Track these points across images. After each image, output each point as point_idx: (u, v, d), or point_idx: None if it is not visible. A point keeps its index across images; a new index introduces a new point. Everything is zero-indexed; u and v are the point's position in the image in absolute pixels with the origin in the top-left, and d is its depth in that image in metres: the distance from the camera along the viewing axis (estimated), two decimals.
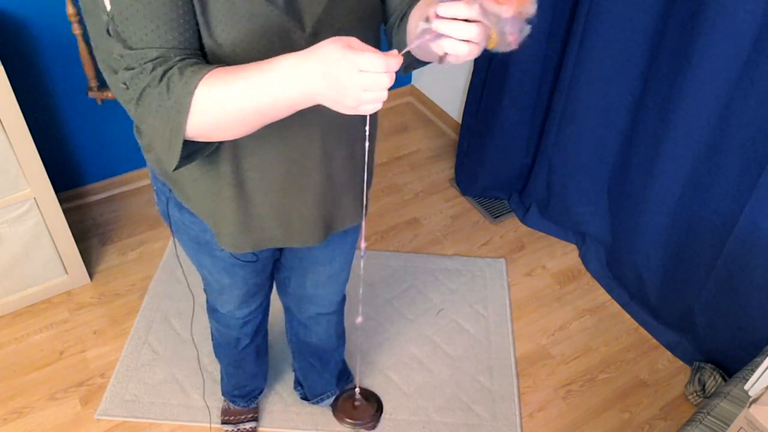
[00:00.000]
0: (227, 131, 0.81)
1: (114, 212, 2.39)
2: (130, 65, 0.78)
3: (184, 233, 1.18)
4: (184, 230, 1.16)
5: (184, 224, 1.15)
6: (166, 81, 0.77)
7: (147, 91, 0.78)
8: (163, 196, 1.14)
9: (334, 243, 1.27)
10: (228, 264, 1.22)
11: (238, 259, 1.21)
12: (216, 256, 1.19)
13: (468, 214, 2.47)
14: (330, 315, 1.51)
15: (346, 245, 1.31)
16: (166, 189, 1.12)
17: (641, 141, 1.88)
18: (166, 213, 1.16)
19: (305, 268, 1.33)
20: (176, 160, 0.81)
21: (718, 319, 1.83)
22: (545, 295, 2.17)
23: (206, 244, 1.17)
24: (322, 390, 1.73)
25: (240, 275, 1.26)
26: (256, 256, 1.23)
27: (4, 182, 1.75)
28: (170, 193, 1.11)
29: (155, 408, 1.79)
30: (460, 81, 2.66)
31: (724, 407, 1.22)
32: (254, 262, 1.24)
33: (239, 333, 1.48)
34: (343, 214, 1.15)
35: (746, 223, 1.63)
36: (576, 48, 1.88)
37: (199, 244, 1.18)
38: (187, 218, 1.13)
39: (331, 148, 1.02)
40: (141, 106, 0.80)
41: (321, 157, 1.02)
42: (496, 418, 1.81)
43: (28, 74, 2.05)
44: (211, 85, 0.76)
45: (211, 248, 1.17)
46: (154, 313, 2.03)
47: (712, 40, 1.54)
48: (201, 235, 1.15)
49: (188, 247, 1.22)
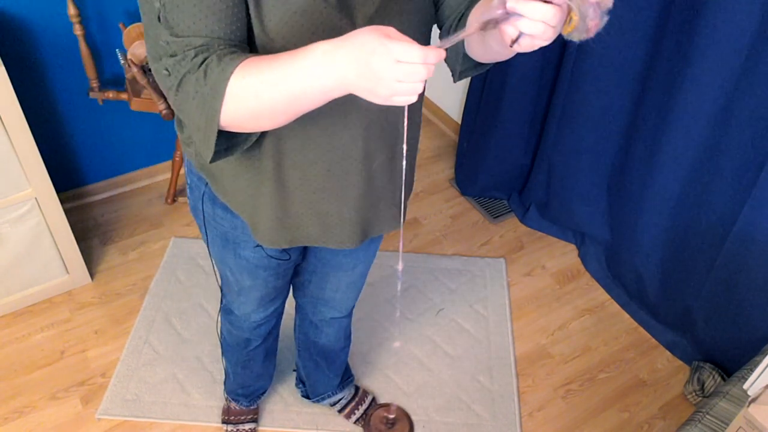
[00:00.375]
0: (262, 120, 0.79)
1: (115, 212, 2.39)
2: (174, 52, 0.78)
3: (213, 228, 1.17)
4: (214, 225, 1.16)
5: (215, 219, 1.15)
6: (204, 67, 0.77)
7: (186, 77, 0.78)
8: (197, 190, 1.14)
9: (360, 250, 1.27)
10: (252, 266, 1.21)
11: (271, 257, 1.20)
12: (240, 255, 1.19)
13: (468, 214, 2.47)
14: (342, 318, 1.51)
15: (369, 252, 1.32)
16: (202, 183, 1.12)
17: (640, 141, 1.89)
18: (199, 207, 1.16)
19: (327, 272, 1.33)
20: (211, 149, 0.81)
21: (717, 319, 1.84)
22: (545, 295, 2.18)
23: (233, 242, 1.17)
24: (324, 389, 1.73)
25: (261, 277, 1.25)
26: (288, 255, 1.23)
27: (6, 182, 1.75)
28: (206, 187, 1.11)
29: (156, 407, 1.79)
30: (459, 81, 2.66)
31: (723, 406, 1.22)
32: (286, 260, 1.24)
33: (251, 334, 1.48)
34: (381, 220, 1.15)
35: (745, 223, 1.63)
36: (575, 48, 1.89)
37: (227, 241, 1.18)
38: (219, 213, 1.13)
39: (372, 150, 1.02)
40: (180, 92, 0.80)
41: (363, 159, 1.01)
42: (495, 417, 1.82)
43: (30, 75, 2.05)
44: (246, 72, 0.75)
45: (238, 246, 1.17)
46: (155, 313, 2.04)
47: (711, 40, 1.55)
48: (230, 231, 1.15)
49: (215, 244, 1.21)
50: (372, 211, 1.11)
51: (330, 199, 1.05)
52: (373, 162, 1.03)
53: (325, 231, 1.10)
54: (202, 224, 1.19)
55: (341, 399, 1.78)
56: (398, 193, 1.13)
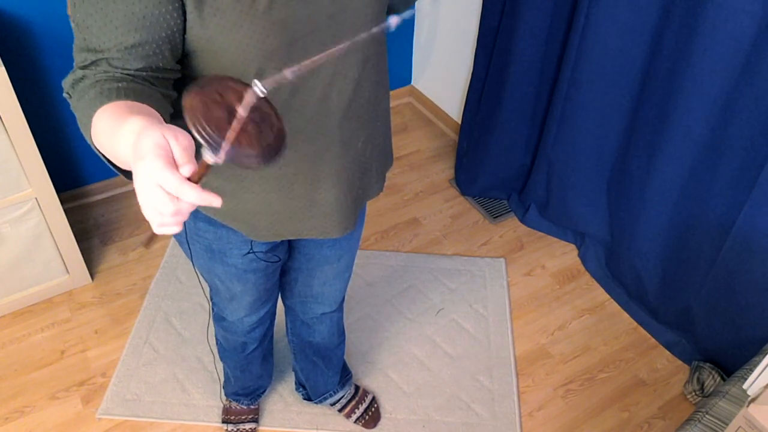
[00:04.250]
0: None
1: (115, 212, 2.40)
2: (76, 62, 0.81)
3: (196, 242, 1.17)
4: (197, 240, 1.16)
5: (198, 234, 1.14)
6: (83, 84, 0.79)
7: (76, 87, 0.79)
8: None
9: (342, 240, 1.29)
10: (241, 271, 1.22)
11: (261, 260, 1.21)
12: (228, 263, 1.19)
13: (468, 214, 2.48)
14: (333, 313, 1.52)
15: (352, 242, 1.33)
16: None
17: (640, 141, 1.89)
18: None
19: (312, 268, 1.34)
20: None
21: (716, 319, 1.84)
22: (544, 295, 2.18)
23: (220, 252, 1.17)
24: (325, 388, 1.74)
25: (251, 281, 1.26)
26: (277, 256, 1.24)
27: (6, 182, 1.76)
28: None
29: (156, 407, 1.80)
30: (460, 81, 2.67)
31: (722, 406, 1.23)
32: (275, 262, 1.25)
33: (246, 338, 1.49)
34: (369, 190, 1.19)
35: (744, 222, 1.63)
36: (575, 48, 1.89)
37: (213, 252, 1.18)
38: (201, 226, 1.13)
39: (347, 137, 1.04)
40: (72, 100, 0.80)
41: (340, 148, 1.04)
42: (495, 417, 1.82)
43: (30, 74, 2.05)
44: (99, 117, 0.73)
45: (224, 255, 1.18)
46: (155, 313, 2.04)
47: (711, 40, 1.55)
48: (215, 242, 1.15)
49: (200, 257, 1.21)
50: (362, 187, 1.15)
51: (324, 186, 1.07)
52: (352, 148, 1.07)
53: (325, 220, 1.12)
54: (184, 240, 1.19)
55: (341, 398, 1.78)
56: (378, 161, 1.17)
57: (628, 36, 1.78)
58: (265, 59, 0.86)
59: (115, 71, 0.78)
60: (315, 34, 0.88)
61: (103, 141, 0.71)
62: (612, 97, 1.92)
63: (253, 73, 0.86)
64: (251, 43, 0.84)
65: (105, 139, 0.71)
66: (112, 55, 0.77)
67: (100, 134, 0.72)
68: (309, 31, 0.88)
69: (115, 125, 0.70)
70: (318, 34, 0.89)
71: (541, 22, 1.99)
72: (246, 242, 1.16)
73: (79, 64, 0.79)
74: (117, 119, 0.70)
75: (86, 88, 0.77)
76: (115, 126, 0.69)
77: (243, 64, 0.85)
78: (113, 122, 0.70)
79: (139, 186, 0.61)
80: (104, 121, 0.72)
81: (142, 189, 0.61)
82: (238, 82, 0.66)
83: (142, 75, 0.80)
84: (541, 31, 2.00)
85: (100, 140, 0.72)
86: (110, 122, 0.71)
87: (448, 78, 2.76)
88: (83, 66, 0.79)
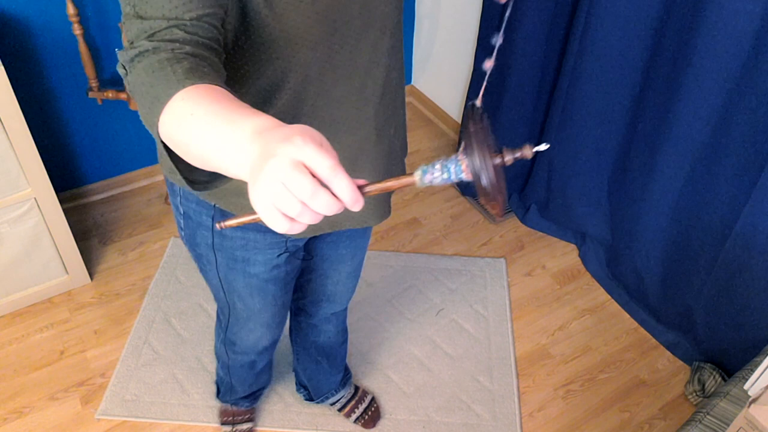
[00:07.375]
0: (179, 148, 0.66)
1: (114, 212, 2.39)
2: (136, 35, 0.72)
3: (221, 252, 1.12)
4: (220, 249, 1.11)
5: (222, 242, 1.10)
6: (157, 55, 0.69)
7: (139, 58, 0.70)
8: (197, 218, 1.08)
9: (356, 238, 1.29)
10: (261, 281, 1.18)
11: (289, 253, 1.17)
12: (250, 273, 1.15)
13: (468, 214, 2.47)
14: (340, 313, 1.52)
15: (365, 239, 1.33)
16: (206, 209, 1.06)
17: (641, 141, 1.88)
18: (205, 234, 1.09)
19: (327, 268, 1.33)
20: (175, 170, 0.74)
21: (717, 319, 1.83)
22: (545, 295, 2.18)
23: (242, 261, 1.13)
24: (328, 387, 1.73)
25: (271, 293, 1.22)
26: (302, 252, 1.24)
27: (5, 182, 1.75)
28: (214, 209, 1.05)
29: (155, 408, 1.79)
30: (460, 81, 2.66)
31: (723, 407, 1.22)
32: (300, 259, 1.24)
33: (257, 357, 1.48)
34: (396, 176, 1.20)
35: (745, 223, 1.63)
36: (576, 48, 1.89)
37: (235, 261, 1.13)
38: (227, 231, 1.07)
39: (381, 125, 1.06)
40: (132, 73, 0.71)
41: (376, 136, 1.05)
42: (496, 417, 1.82)
43: (29, 74, 2.05)
44: (186, 96, 0.64)
45: (247, 264, 1.14)
46: (155, 313, 2.04)
47: (712, 40, 1.55)
48: (239, 250, 1.11)
49: (222, 270, 1.16)
50: (391, 174, 1.15)
51: (363, 175, 1.06)
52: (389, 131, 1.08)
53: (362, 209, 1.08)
54: (212, 251, 1.12)
55: (341, 397, 1.78)
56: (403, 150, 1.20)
57: (629, 36, 1.78)
58: (309, 50, 0.85)
59: (192, 38, 0.70)
60: (350, 24, 0.89)
61: (191, 126, 0.61)
62: (613, 97, 1.91)
63: (296, 65, 0.86)
64: (298, 34, 0.83)
65: (196, 126, 0.61)
66: (185, 22, 0.70)
67: (184, 119, 0.62)
68: (345, 21, 0.88)
69: (227, 114, 0.60)
70: (352, 23, 0.89)
71: (541, 22, 1.98)
72: (274, 245, 1.12)
73: (144, 35, 0.70)
74: (228, 110, 0.61)
75: (160, 61, 0.67)
76: (228, 115, 0.60)
77: (289, 56, 0.85)
78: (221, 110, 0.61)
79: (271, 173, 0.52)
80: (203, 106, 0.62)
81: (275, 175, 0.52)
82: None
83: (213, 46, 0.73)
84: (542, 30, 2.00)
85: (181, 125, 0.62)
86: (214, 108, 0.61)
87: (448, 78, 2.75)
88: (150, 35, 0.70)
